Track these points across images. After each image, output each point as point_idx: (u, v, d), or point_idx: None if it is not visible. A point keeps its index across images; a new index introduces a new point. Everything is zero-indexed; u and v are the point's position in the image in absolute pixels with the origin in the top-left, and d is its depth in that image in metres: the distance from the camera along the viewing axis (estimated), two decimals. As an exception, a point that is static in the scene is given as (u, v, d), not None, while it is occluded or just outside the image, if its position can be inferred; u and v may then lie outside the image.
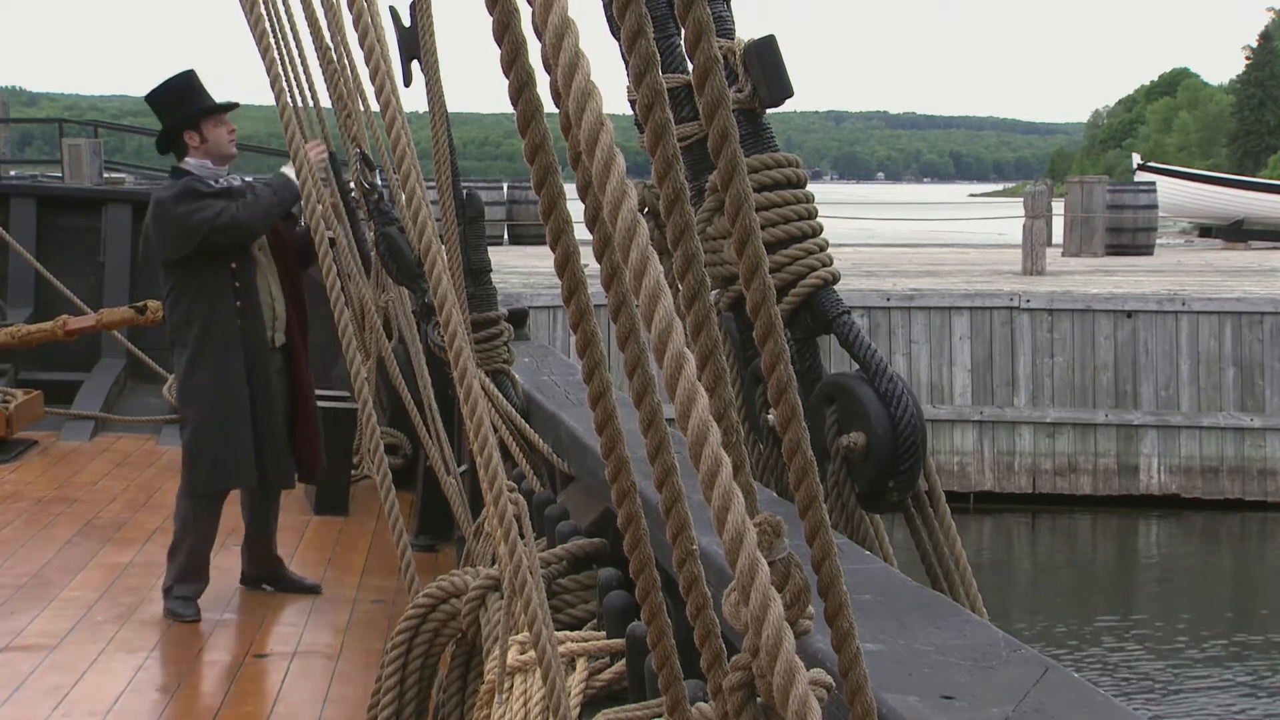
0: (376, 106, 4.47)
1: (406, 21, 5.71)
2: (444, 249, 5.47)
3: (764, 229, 3.58)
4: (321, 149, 6.37)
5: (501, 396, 5.68)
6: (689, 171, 3.64)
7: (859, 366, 3.63)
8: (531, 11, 1.42)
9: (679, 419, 1.39)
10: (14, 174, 22.43)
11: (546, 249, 1.64)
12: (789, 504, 3.08)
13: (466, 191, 6.24)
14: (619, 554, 3.86)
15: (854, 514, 3.62)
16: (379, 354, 8.37)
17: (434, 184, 5.93)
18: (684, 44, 1.47)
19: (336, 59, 5.99)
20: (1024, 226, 22.20)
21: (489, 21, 1.52)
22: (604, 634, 3.57)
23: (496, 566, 3.87)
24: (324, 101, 6.44)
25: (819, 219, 3.78)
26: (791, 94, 3.68)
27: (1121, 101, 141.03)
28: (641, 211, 1.41)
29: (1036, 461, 17.36)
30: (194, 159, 6.43)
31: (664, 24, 3.61)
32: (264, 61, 4.33)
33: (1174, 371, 17.19)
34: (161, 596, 6.53)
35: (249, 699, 5.56)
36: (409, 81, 5.71)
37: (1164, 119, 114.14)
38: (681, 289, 1.52)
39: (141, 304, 10.14)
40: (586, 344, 1.62)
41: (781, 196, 3.71)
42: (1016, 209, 25.64)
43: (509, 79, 1.54)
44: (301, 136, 4.43)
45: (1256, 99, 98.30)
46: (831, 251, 3.80)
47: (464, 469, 5.96)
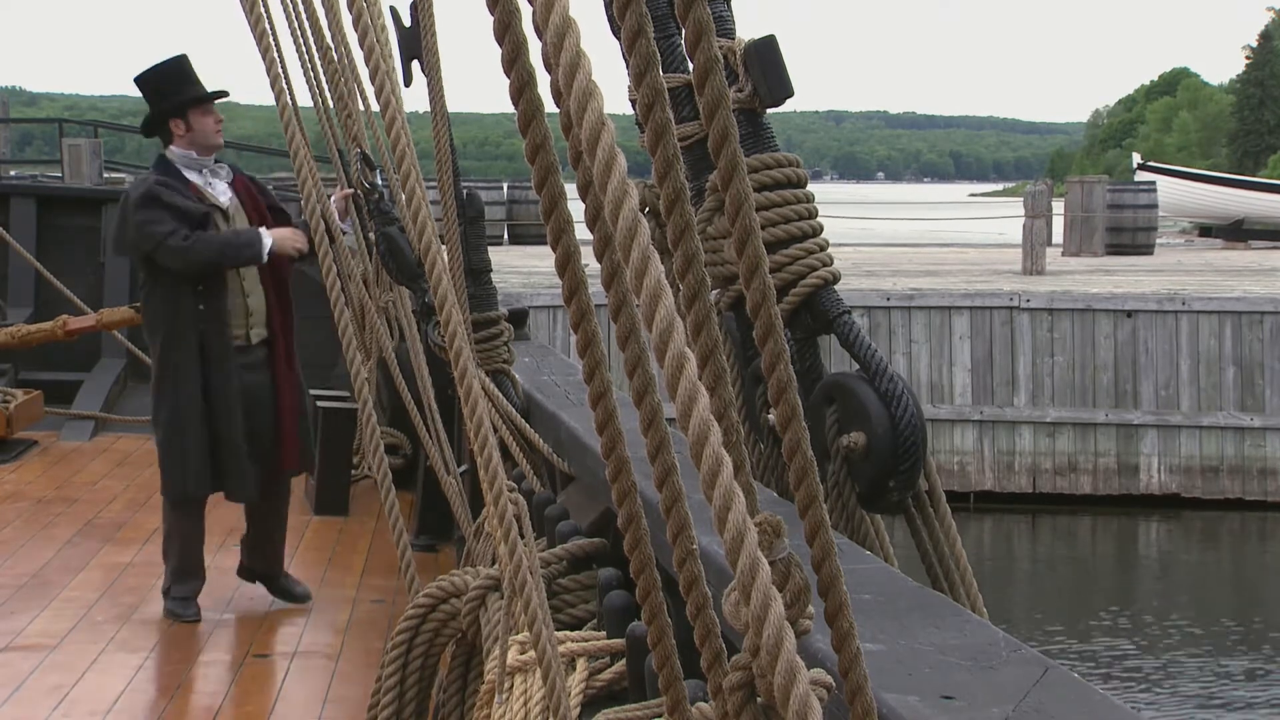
0: (377, 106, 4.47)
1: (407, 21, 5.72)
2: (444, 249, 5.48)
3: (764, 229, 3.58)
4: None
5: (502, 396, 5.68)
6: (689, 171, 3.64)
7: (859, 366, 3.63)
8: (532, 11, 1.42)
9: (680, 419, 1.39)
10: (14, 174, 22.44)
11: (547, 249, 1.65)
12: (789, 504, 3.08)
13: (467, 191, 6.25)
14: (619, 554, 3.86)
15: (854, 514, 3.62)
16: (380, 354, 8.38)
17: (434, 184, 5.93)
18: (684, 44, 1.47)
19: (337, 59, 5.99)
20: (1024, 226, 22.20)
21: (490, 21, 1.52)
22: (604, 634, 3.57)
23: (497, 566, 3.87)
24: (324, 101, 6.43)
25: (819, 219, 3.78)
26: (792, 94, 3.68)
27: (1121, 101, 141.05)
28: (642, 211, 1.40)
29: (1037, 461, 17.37)
30: (178, 148, 6.38)
31: (664, 24, 3.61)
32: (264, 61, 4.33)
33: (1174, 371, 17.19)
34: (161, 597, 6.53)
35: (249, 699, 5.56)
36: (409, 81, 5.71)
37: (1164, 119, 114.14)
38: (682, 289, 1.52)
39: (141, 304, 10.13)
40: (587, 344, 1.62)
41: (782, 196, 3.71)
42: (1016, 209, 25.63)
43: (510, 78, 1.54)
44: (302, 137, 4.43)
45: (1256, 99, 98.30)
46: (831, 251, 3.80)
47: (464, 469, 5.96)
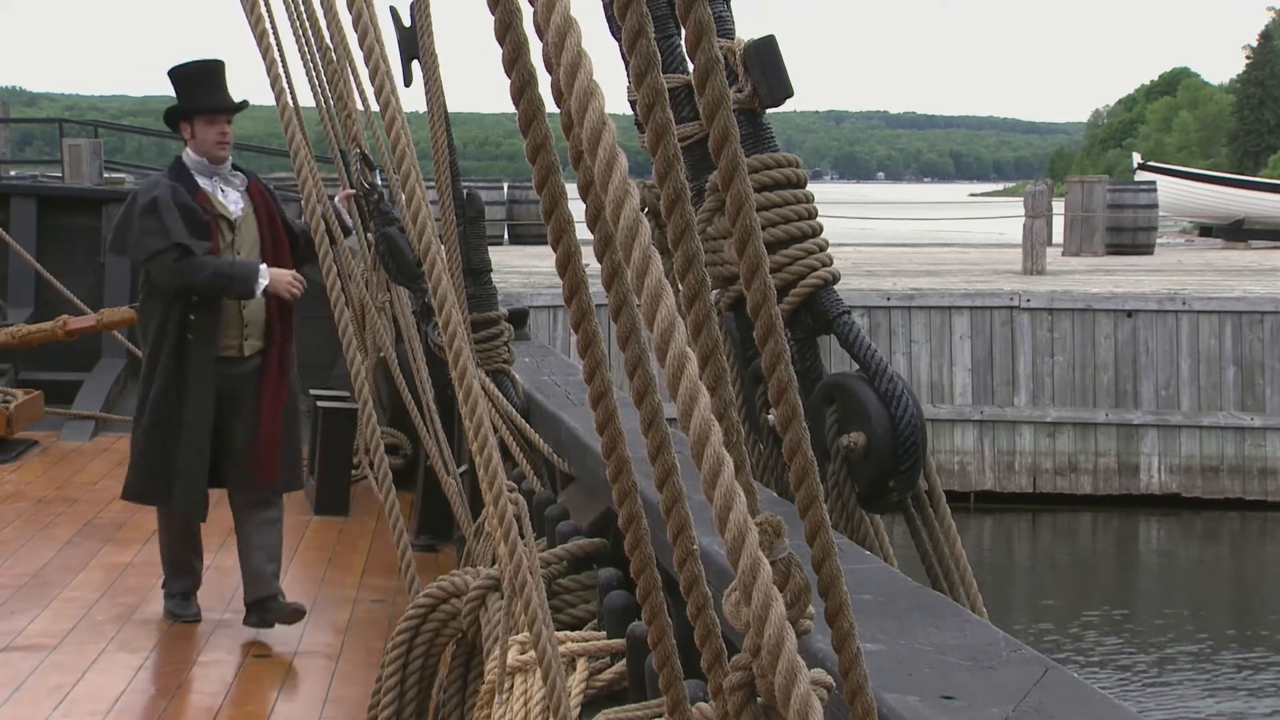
0: (376, 106, 4.47)
1: (406, 21, 5.72)
2: (444, 249, 5.47)
3: (764, 229, 3.58)
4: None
5: (502, 396, 5.68)
6: (690, 171, 3.64)
7: (859, 366, 3.63)
8: (533, 11, 1.42)
9: (681, 419, 1.39)
10: (14, 174, 22.44)
11: (547, 249, 1.64)
12: (789, 504, 3.08)
13: (467, 191, 6.25)
14: (619, 554, 3.87)
15: (854, 514, 3.62)
16: (380, 354, 8.38)
17: (434, 184, 5.93)
18: (684, 44, 1.47)
19: (336, 59, 5.99)
20: (1024, 226, 22.20)
21: (490, 21, 1.52)
22: (604, 634, 3.57)
23: (497, 566, 3.87)
24: (326, 101, 6.44)
25: (819, 219, 3.78)
26: (791, 94, 3.68)
27: (1122, 101, 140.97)
28: (642, 211, 1.40)
29: (1037, 461, 17.36)
30: (191, 152, 6.38)
31: (664, 24, 3.61)
32: (264, 61, 4.33)
33: (1174, 371, 17.19)
34: (162, 597, 6.53)
35: (249, 699, 5.56)
36: (409, 81, 5.71)
37: (1164, 118, 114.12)
38: (682, 289, 1.52)
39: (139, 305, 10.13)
40: (588, 344, 1.62)
41: (782, 196, 3.71)
42: (1017, 208, 25.63)
43: (511, 78, 1.54)
44: (302, 137, 4.43)
45: (1256, 98, 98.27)
46: (831, 251, 3.80)
47: (464, 469, 5.96)
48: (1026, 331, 17.40)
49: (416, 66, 5.66)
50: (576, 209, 1.55)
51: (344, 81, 6.11)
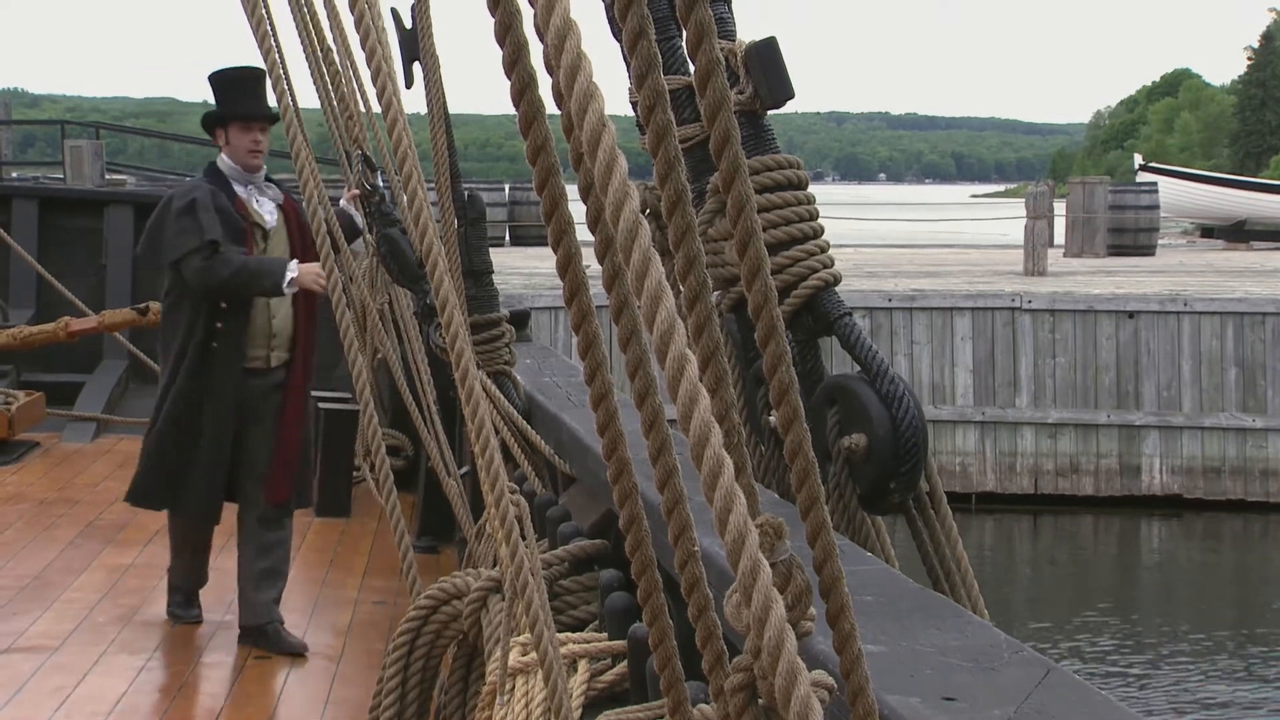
0: (378, 108, 4.47)
1: (408, 23, 5.72)
2: (445, 250, 5.47)
3: (765, 230, 3.58)
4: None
5: (503, 398, 5.69)
6: (690, 173, 3.64)
7: (860, 368, 3.63)
8: (534, 13, 1.42)
9: (681, 420, 1.39)
10: (16, 175, 22.46)
11: (548, 250, 1.65)
12: (790, 505, 3.09)
13: (468, 193, 6.24)
14: (620, 555, 3.86)
15: (855, 515, 3.62)
16: (382, 355, 8.38)
17: (434, 186, 5.93)
18: (685, 46, 1.47)
19: (338, 61, 5.99)
20: (1026, 227, 22.20)
21: (490, 23, 1.52)
22: (605, 635, 3.57)
23: (498, 568, 3.87)
24: (329, 103, 6.43)
25: (820, 220, 3.78)
26: (793, 95, 3.69)
27: (1123, 102, 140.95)
28: (643, 213, 1.40)
29: (1038, 462, 17.36)
30: (226, 159, 6.32)
31: (665, 25, 3.61)
32: (266, 63, 4.33)
33: (1176, 372, 17.18)
34: (164, 598, 6.53)
35: (251, 700, 5.57)
36: (410, 83, 5.71)
37: (1166, 119, 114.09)
38: (683, 290, 1.52)
39: (144, 305, 10.12)
40: (588, 345, 1.62)
41: (783, 198, 3.71)
42: (1018, 210, 25.61)
43: (511, 80, 1.54)
44: (303, 138, 4.43)
45: (1258, 99, 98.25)
46: (833, 253, 3.80)
47: (465, 470, 5.97)
48: (1028, 333, 17.40)
49: (417, 68, 5.66)
50: (577, 210, 1.56)
51: (346, 83, 6.11)
